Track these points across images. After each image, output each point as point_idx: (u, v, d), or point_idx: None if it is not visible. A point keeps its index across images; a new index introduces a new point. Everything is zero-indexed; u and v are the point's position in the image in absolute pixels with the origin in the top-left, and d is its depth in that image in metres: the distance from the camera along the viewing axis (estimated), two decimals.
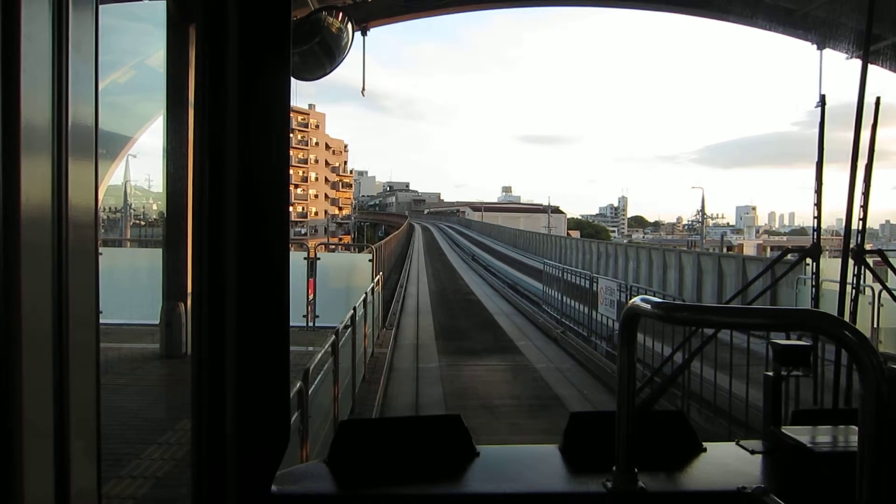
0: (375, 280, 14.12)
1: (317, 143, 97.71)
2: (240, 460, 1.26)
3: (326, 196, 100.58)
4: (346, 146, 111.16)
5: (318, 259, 13.81)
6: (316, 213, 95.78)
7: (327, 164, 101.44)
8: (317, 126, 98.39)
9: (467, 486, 1.53)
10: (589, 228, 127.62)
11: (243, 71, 1.23)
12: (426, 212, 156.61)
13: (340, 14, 1.60)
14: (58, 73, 0.69)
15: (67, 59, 0.70)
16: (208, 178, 1.21)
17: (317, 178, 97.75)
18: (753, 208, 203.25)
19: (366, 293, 11.52)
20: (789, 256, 2.46)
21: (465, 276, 39.43)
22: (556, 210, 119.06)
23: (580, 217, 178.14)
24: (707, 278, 19.22)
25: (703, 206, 60.92)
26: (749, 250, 72.21)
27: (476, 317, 22.60)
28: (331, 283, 14.16)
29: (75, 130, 0.71)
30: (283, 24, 1.26)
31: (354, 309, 9.46)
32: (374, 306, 13.16)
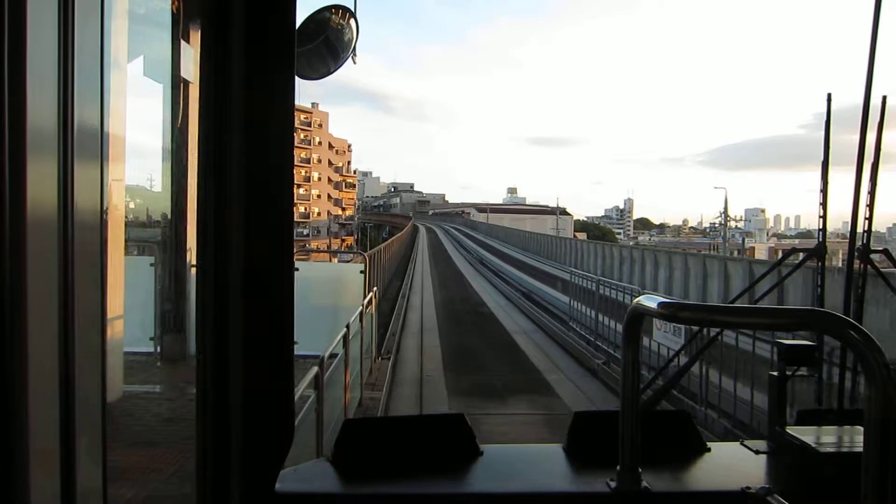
0: (367, 298, 11.26)
1: (320, 143, 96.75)
2: (244, 459, 1.28)
3: (329, 196, 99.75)
4: (349, 146, 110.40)
5: (297, 270, 9.96)
6: (319, 214, 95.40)
7: (330, 163, 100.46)
8: (320, 125, 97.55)
9: (471, 484, 1.55)
10: (595, 231, 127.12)
11: (248, 71, 1.25)
12: (431, 213, 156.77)
13: (343, 12, 1.63)
14: (64, 75, 0.70)
15: (73, 61, 0.71)
16: (213, 178, 1.23)
17: (319, 178, 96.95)
18: (762, 210, 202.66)
19: (347, 326, 8.68)
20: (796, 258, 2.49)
21: (474, 283, 36.20)
22: (563, 212, 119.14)
23: (585, 219, 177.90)
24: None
25: (725, 208, 56.26)
26: (760, 254, 71.53)
27: (491, 337, 19.08)
28: (312, 300, 10.80)
29: (81, 132, 0.72)
30: (287, 24, 1.29)
31: (320, 367, 5.71)
32: (365, 334, 10.72)
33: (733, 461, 1.61)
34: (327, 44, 1.60)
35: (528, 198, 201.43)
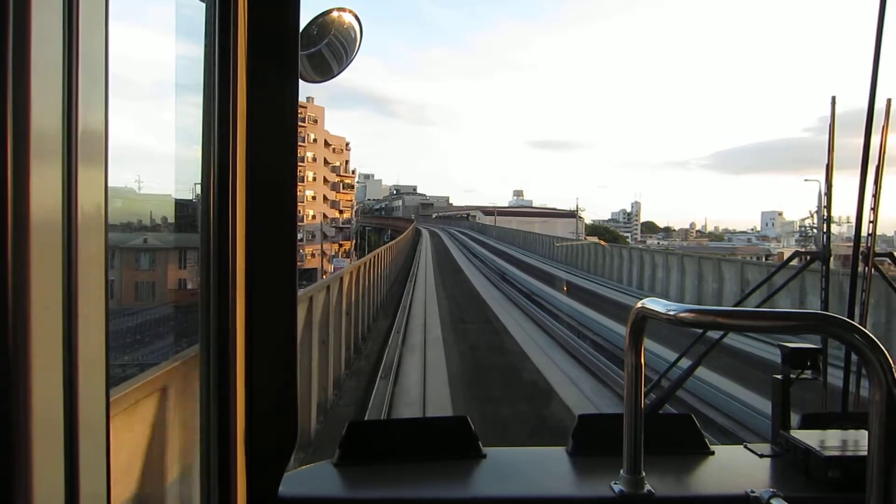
0: None
1: (315, 140, 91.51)
2: (247, 462, 1.33)
3: (325, 198, 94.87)
4: (347, 143, 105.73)
5: None
6: (314, 217, 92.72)
7: (326, 162, 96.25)
8: (315, 121, 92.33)
9: (474, 488, 1.61)
10: (608, 235, 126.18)
11: (251, 75, 1.31)
12: (434, 216, 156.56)
13: (346, 15, 1.71)
14: (68, 78, 0.72)
15: (78, 64, 0.73)
16: (216, 182, 1.28)
17: (314, 178, 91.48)
18: (780, 213, 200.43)
19: None
20: (796, 261, 2.57)
21: (509, 324, 20.49)
22: (573, 215, 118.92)
23: (592, 222, 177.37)
24: None
25: (820, 206, 45.45)
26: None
27: None
28: None
29: (85, 135, 0.74)
30: (291, 28, 1.34)
31: None
32: None
33: (737, 465, 1.66)
34: (330, 47, 1.66)
35: (535, 201, 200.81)
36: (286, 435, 1.39)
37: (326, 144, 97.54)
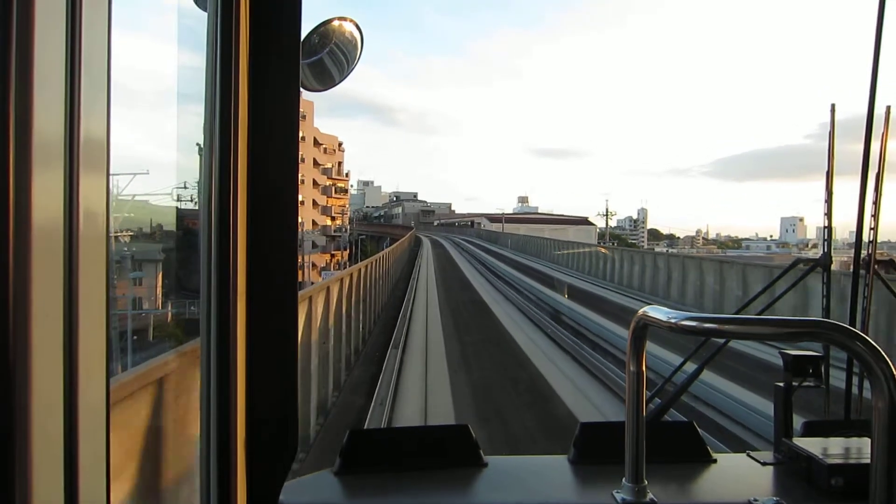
0: None
1: (303, 138, 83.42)
2: (247, 471, 1.38)
3: (315, 203, 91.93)
4: (340, 143, 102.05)
5: None
6: (302, 224, 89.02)
7: (316, 163, 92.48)
8: (304, 117, 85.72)
9: (475, 497, 1.67)
10: (621, 243, 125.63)
11: (253, 83, 1.38)
12: (436, 223, 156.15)
13: (348, 24, 1.82)
14: (70, 86, 0.76)
15: (80, 72, 0.77)
16: (217, 190, 1.34)
17: (303, 181, 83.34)
18: (801, 219, 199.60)
19: None
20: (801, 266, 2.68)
21: None
22: (586, 221, 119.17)
23: (600, 229, 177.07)
24: None
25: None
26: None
27: None
28: None
29: (87, 142, 0.78)
30: (292, 37, 1.42)
31: None
32: None
33: (739, 473, 1.73)
34: (332, 55, 1.73)
35: (539, 208, 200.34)
36: (287, 443, 1.44)
37: (316, 143, 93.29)
